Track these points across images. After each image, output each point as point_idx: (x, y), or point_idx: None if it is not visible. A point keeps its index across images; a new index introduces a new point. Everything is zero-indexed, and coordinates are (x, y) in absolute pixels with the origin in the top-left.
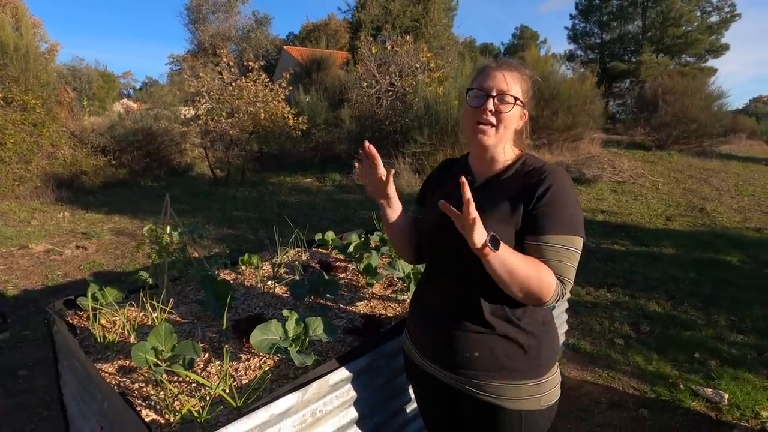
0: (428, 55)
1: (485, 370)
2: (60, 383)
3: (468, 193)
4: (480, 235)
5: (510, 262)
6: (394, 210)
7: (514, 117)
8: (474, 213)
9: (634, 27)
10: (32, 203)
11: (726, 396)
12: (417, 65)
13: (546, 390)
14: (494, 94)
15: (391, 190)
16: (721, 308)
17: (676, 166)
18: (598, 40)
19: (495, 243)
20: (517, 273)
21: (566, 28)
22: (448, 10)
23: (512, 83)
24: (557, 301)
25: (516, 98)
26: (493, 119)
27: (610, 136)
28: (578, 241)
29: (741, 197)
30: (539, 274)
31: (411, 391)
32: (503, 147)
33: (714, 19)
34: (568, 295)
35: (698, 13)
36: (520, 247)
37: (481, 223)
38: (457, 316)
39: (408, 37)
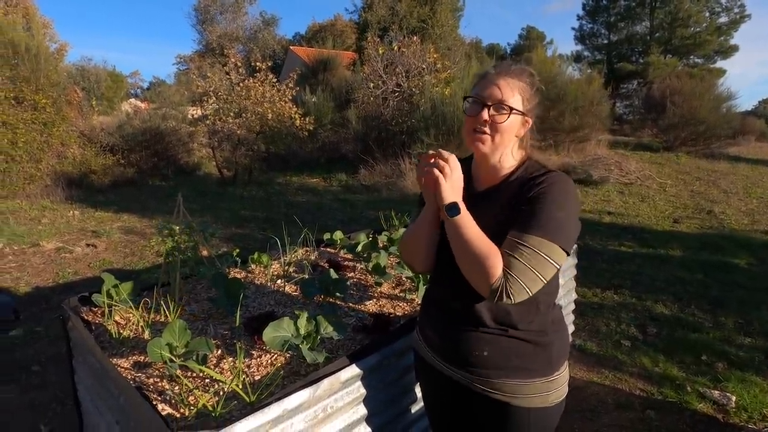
0: (435, 55)
1: (497, 369)
2: (74, 379)
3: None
4: (446, 196)
5: (467, 235)
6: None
7: (512, 126)
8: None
9: (641, 28)
10: (42, 201)
11: (733, 398)
12: (424, 66)
13: (555, 387)
14: (490, 103)
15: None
16: (729, 310)
17: (683, 168)
18: (606, 41)
19: (452, 210)
20: (470, 247)
21: (573, 28)
22: (454, 11)
23: (510, 92)
24: (499, 298)
25: (512, 108)
26: (488, 129)
27: (617, 138)
28: (550, 246)
29: (749, 199)
30: (491, 259)
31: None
32: (504, 155)
33: (723, 19)
34: (519, 298)
35: (707, 14)
36: None
37: (448, 188)
38: (464, 317)
39: (415, 37)
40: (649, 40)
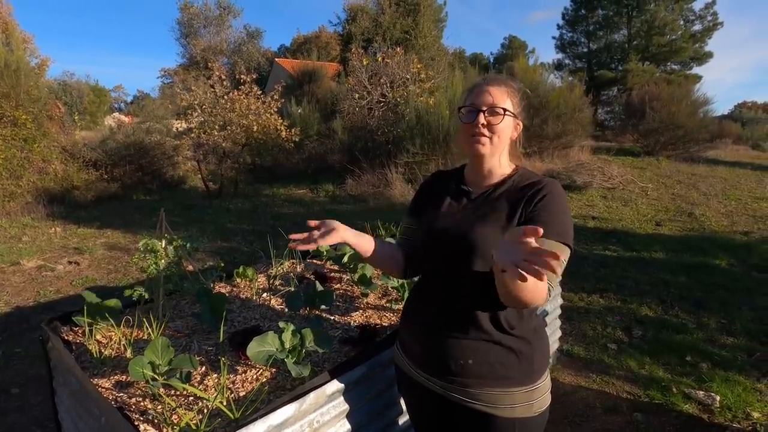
0: (419, 66)
1: (479, 378)
2: (55, 400)
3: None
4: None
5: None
6: (362, 245)
7: (507, 128)
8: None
9: (620, 36)
10: (23, 219)
11: (718, 398)
12: (408, 76)
13: (538, 396)
14: (484, 108)
15: (339, 237)
16: (711, 311)
17: (664, 172)
18: (586, 49)
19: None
20: (528, 285)
21: (554, 37)
22: (437, 22)
23: (501, 97)
24: (543, 302)
25: (505, 110)
26: (486, 131)
27: (600, 143)
28: (566, 251)
29: (728, 201)
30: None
31: None
32: (499, 159)
33: (697, 27)
34: (547, 298)
35: (681, 22)
36: None
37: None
38: (451, 324)
39: (398, 48)
40: (628, 48)
